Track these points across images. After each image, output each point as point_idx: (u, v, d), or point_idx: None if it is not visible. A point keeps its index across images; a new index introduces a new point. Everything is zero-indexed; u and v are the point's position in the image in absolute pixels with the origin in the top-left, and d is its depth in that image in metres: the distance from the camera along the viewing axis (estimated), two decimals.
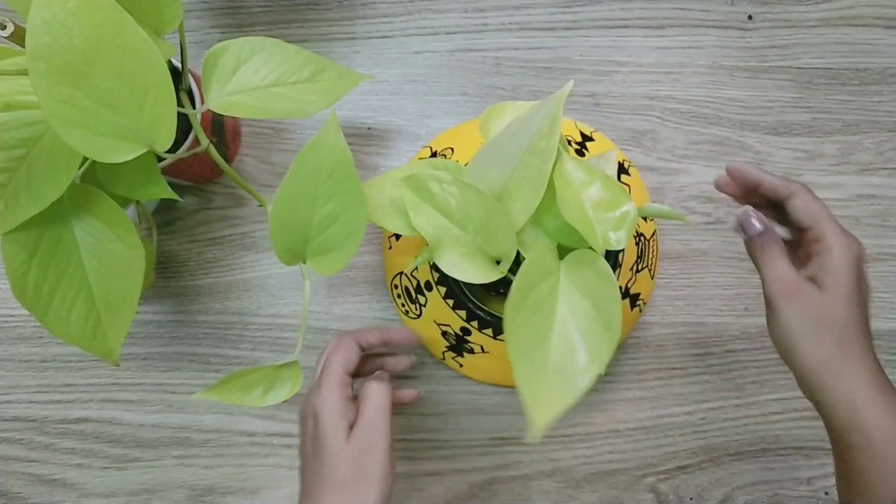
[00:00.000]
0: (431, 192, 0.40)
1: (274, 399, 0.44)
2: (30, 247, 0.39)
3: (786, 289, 0.39)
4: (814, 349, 0.38)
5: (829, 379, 0.38)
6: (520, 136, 0.39)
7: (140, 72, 0.34)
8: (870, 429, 0.36)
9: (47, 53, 0.31)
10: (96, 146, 0.34)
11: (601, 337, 0.36)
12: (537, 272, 0.38)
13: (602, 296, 0.37)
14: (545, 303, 0.37)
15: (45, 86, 0.32)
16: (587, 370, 0.36)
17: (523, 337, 0.36)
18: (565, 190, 0.39)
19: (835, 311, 0.38)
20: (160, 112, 0.35)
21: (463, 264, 0.40)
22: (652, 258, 0.54)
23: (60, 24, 0.31)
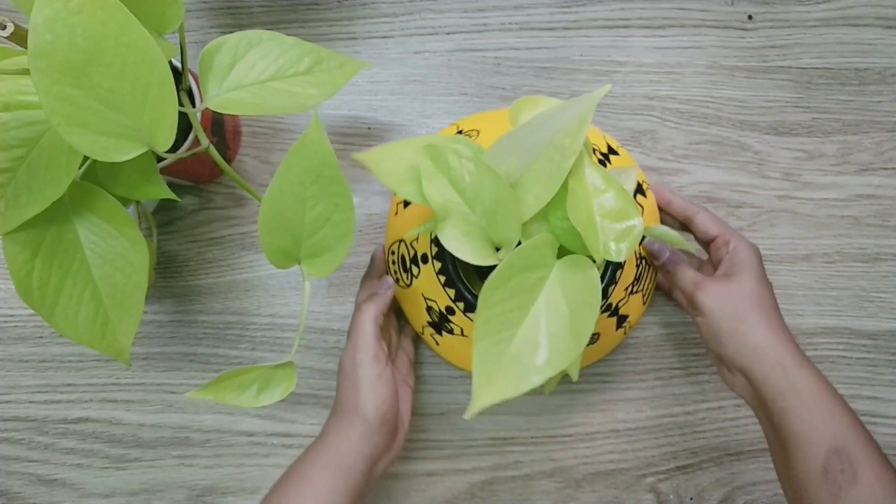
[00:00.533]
0: (449, 165, 0.40)
1: (268, 399, 0.44)
2: (32, 246, 0.39)
3: (699, 284, 0.44)
4: (741, 326, 0.43)
5: (761, 350, 0.42)
6: (545, 130, 0.39)
7: (142, 71, 0.34)
8: (801, 387, 0.41)
9: (49, 51, 0.31)
10: (97, 145, 0.34)
11: (566, 343, 0.37)
12: (531, 259, 0.38)
13: (582, 305, 0.37)
14: (527, 292, 0.38)
15: (47, 84, 0.32)
16: (542, 370, 0.37)
17: (494, 315, 0.37)
18: (578, 191, 0.39)
19: (749, 288, 0.43)
20: (161, 111, 0.35)
21: (464, 243, 0.40)
22: (649, 284, 0.53)
23: (63, 22, 0.31)
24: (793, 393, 0.41)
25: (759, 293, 0.44)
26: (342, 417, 0.46)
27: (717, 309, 0.44)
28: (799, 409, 0.41)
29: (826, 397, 0.41)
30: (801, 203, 0.59)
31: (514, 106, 0.43)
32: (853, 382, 0.58)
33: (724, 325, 0.43)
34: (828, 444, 0.39)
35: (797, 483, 0.41)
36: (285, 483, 0.45)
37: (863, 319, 0.58)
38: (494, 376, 0.38)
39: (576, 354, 0.37)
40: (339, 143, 0.59)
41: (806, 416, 0.40)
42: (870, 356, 0.58)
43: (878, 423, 0.58)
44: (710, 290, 0.44)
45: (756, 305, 0.43)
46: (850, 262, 0.59)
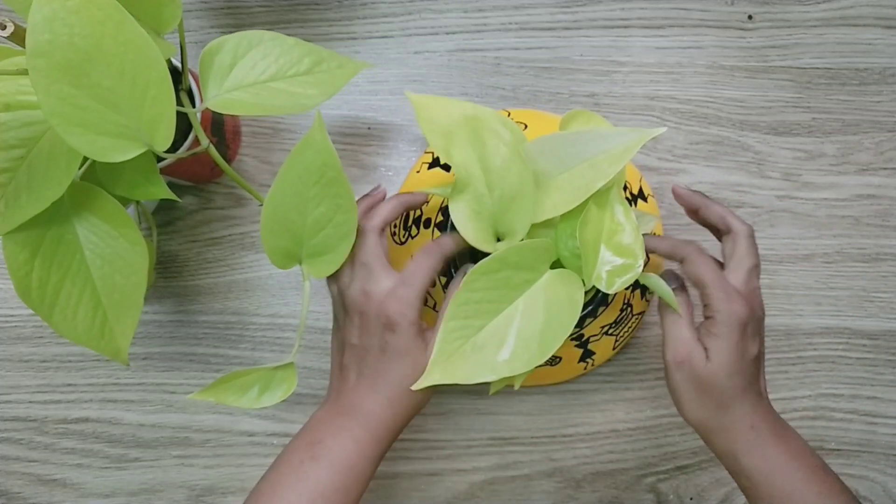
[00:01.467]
0: (484, 142, 0.40)
1: (269, 401, 0.44)
2: (32, 246, 0.39)
3: (677, 355, 0.41)
4: (697, 410, 0.42)
5: (712, 435, 0.42)
6: (589, 146, 0.40)
7: (140, 70, 0.34)
8: (750, 472, 0.41)
9: (48, 51, 0.31)
10: (96, 145, 0.34)
11: (531, 351, 0.38)
12: (525, 259, 0.39)
13: (558, 320, 0.38)
14: (511, 289, 0.39)
15: (45, 84, 0.32)
16: (500, 368, 0.38)
17: (472, 300, 0.38)
18: (595, 214, 0.40)
19: (718, 377, 0.40)
20: (160, 111, 0.35)
21: (470, 220, 0.40)
22: (626, 332, 0.53)
23: (61, 21, 0.31)
24: (745, 478, 0.41)
25: (724, 386, 0.41)
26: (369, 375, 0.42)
27: (683, 389, 0.42)
28: (753, 490, 0.41)
29: (778, 481, 0.41)
30: (801, 203, 0.59)
31: (567, 115, 0.44)
32: (853, 382, 0.58)
33: (683, 406, 0.42)
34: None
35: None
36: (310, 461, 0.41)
37: (863, 319, 0.58)
38: (453, 358, 0.38)
39: (536, 363, 0.37)
40: (340, 143, 0.59)
41: (760, 500, 0.41)
42: (870, 356, 0.58)
43: (878, 423, 0.58)
44: (684, 366, 0.41)
45: (717, 396, 0.41)
46: (850, 262, 0.59)
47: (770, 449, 0.41)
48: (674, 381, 0.42)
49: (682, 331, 0.42)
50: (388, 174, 0.59)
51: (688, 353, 0.41)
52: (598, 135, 0.40)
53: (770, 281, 0.58)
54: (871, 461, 0.58)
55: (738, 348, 0.40)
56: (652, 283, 0.42)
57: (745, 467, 0.41)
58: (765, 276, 0.59)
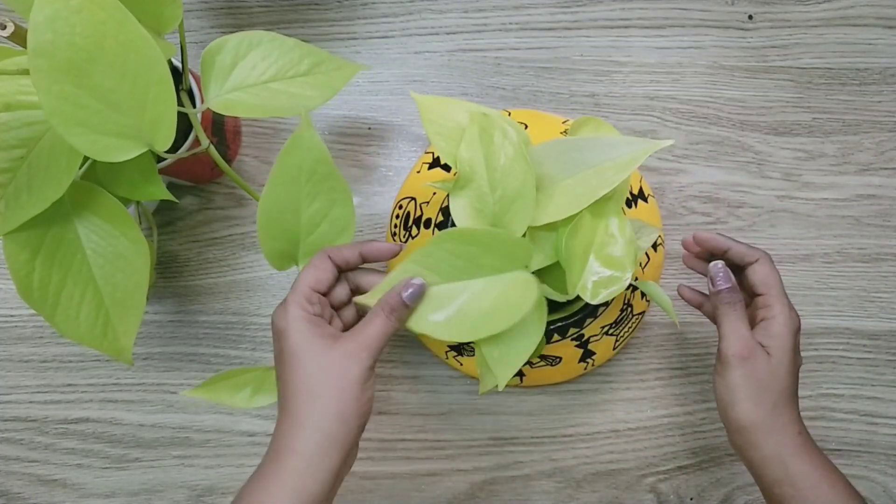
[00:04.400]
0: (492, 140, 0.40)
1: (261, 401, 0.44)
2: (32, 246, 0.39)
3: (742, 351, 0.41)
4: (753, 408, 0.41)
5: (763, 436, 0.41)
6: (596, 153, 0.40)
7: (141, 70, 0.34)
8: (797, 478, 0.40)
9: (49, 50, 0.31)
10: (97, 145, 0.34)
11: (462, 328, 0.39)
12: (498, 247, 0.39)
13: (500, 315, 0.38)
14: (473, 267, 0.39)
15: (47, 83, 0.32)
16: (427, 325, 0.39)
17: (434, 254, 0.39)
18: (588, 223, 0.40)
19: (777, 377, 0.41)
20: (161, 111, 0.35)
21: (470, 216, 0.40)
22: (626, 332, 0.53)
23: (63, 21, 0.31)
24: (789, 485, 0.40)
25: (784, 385, 0.42)
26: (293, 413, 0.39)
27: (743, 385, 0.41)
28: (795, 499, 0.40)
29: (825, 488, 0.40)
30: (801, 203, 0.59)
31: (576, 122, 0.44)
32: (853, 383, 0.58)
33: (741, 404, 0.41)
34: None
35: None
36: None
37: (863, 320, 0.58)
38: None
39: (461, 339, 0.39)
40: (340, 144, 0.59)
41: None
42: (870, 356, 0.58)
43: (878, 424, 0.58)
44: (748, 362, 0.41)
45: (776, 394, 0.41)
46: (851, 262, 0.59)
47: (817, 456, 0.41)
48: (733, 377, 0.41)
49: (744, 328, 0.42)
50: (389, 174, 0.59)
51: (751, 349, 0.41)
52: (605, 142, 0.40)
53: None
54: (871, 461, 0.58)
55: (795, 351, 0.42)
56: (650, 291, 0.42)
57: (793, 472, 0.40)
58: None
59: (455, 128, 0.41)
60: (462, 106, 0.42)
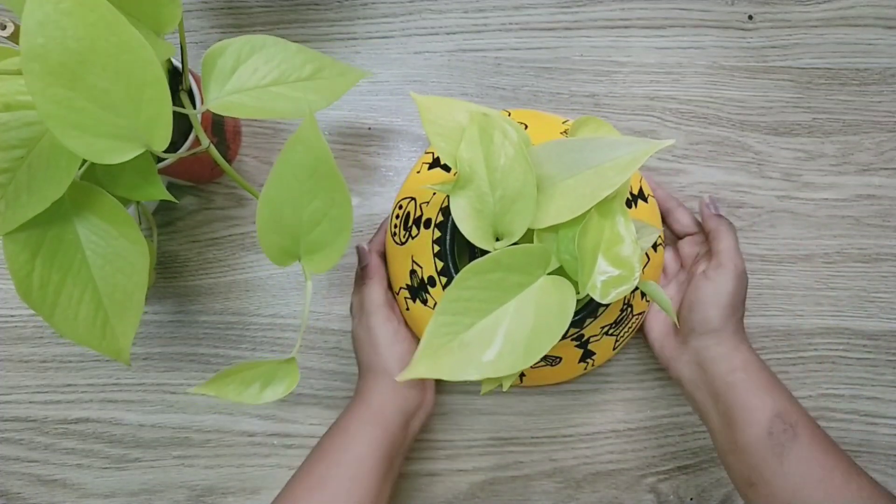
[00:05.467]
0: (492, 140, 0.40)
1: (271, 396, 0.44)
2: (32, 246, 0.39)
3: (740, 265, 0.50)
4: (727, 314, 0.48)
5: (726, 334, 0.48)
6: (597, 153, 0.40)
7: (135, 71, 0.34)
8: (748, 365, 0.47)
9: (42, 54, 0.31)
10: (94, 147, 0.34)
11: (517, 354, 0.38)
12: (520, 262, 0.39)
13: (547, 327, 0.38)
14: (503, 290, 0.39)
15: (41, 87, 0.32)
16: (484, 368, 0.38)
17: (463, 298, 0.38)
18: (596, 223, 0.40)
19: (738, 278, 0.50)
20: (157, 111, 0.35)
21: (470, 217, 0.40)
22: (626, 332, 0.53)
23: (54, 24, 0.31)
24: (741, 370, 0.46)
25: (742, 284, 0.49)
26: (371, 377, 0.49)
27: (714, 292, 0.48)
28: (746, 383, 0.46)
29: (766, 373, 0.47)
30: (801, 203, 0.59)
31: (576, 122, 0.44)
32: (853, 383, 0.58)
33: (709, 302, 0.48)
34: (769, 410, 0.44)
35: (741, 450, 0.45)
36: (328, 438, 0.48)
37: (863, 320, 0.58)
38: (439, 353, 0.38)
39: (520, 367, 0.37)
40: (340, 144, 0.59)
41: (751, 388, 0.46)
42: (870, 356, 0.58)
43: (878, 424, 0.58)
44: (740, 279, 0.49)
45: (737, 296, 0.49)
46: (851, 262, 0.59)
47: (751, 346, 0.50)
48: (723, 283, 0.48)
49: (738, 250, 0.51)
50: (389, 174, 0.59)
51: (743, 268, 0.50)
52: (606, 143, 0.40)
53: (770, 281, 0.58)
54: (871, 461, 0.58)
55: (741, 283, 0.49)
56: (650, 291, 0.42)
57: (744, 359, 0.47)
58: (765, 276, 0.59)
59: (455, 128, 0.41)
60: (462, 106, 0.42)
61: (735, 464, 0.45)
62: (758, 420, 0.44)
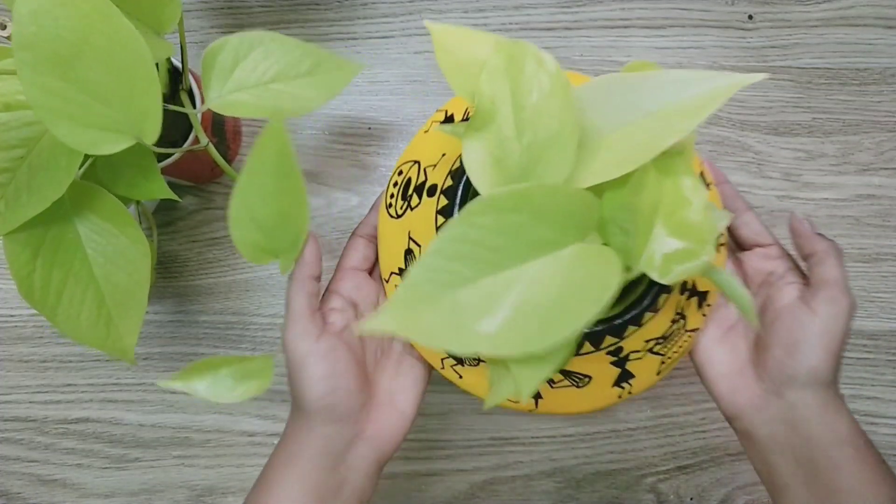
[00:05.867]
0: (522, 69, 0.31)
1: (244, 394, 0.42)
2: (33, 246, 0.39)
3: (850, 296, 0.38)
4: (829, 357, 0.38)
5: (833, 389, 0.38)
6: (658, 94, 0.31)
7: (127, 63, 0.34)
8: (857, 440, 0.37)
9: (34, 43, 0.31)
10: (84, 138, 0.34)
11: (527, 331, 0.28)
12: (559, 211, 0.29)
13: (576, 304, 0.28)
14: (525, 244, 0.29)
15: (32, 76, 0.32)
16: (478, 340, 0.28)
17: (468, 237, 0.28)
18: (652, 181, 0.31)
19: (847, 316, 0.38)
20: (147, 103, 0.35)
21: (487, 167, 0.31)
22: (675, 354, 0.40)
23: (48, 14, 0.31)
24: (849, 443, 0.37)
25: (850, 325, 0.38)
26: (292, 410, 0.40)
27: (824, 332, 0.37)
28: (856, 463, 0.36)
29: (873, 450, 0.37)
30: (801, 203, 0.59)
31: (628, 66, 0.34)
32: (853, 382, 0.58)
33: (818, 344, 0.37)
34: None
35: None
36: (253, 492, 0.39)
37: (863, 320, 0.58)
38: (419, 307, 0.28)
39: (530, 348, 0.28)
40: (340, 144, 0.59)
41: (863, 470, 0.36)
42: (870, 356, 0.58)
43: (878, 424, 0.58)
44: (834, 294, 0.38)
45: (846, 340, 0.38)
46: (851, 262, 0.59)
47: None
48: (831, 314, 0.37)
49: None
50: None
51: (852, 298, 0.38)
52: (673, 79, 0.31)
53: None
54: None
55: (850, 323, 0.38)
56: (723, 282, 0.32)
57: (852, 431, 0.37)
58: None
59: (475, 62, 0.33)
60: (484, 38, 0.33)
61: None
62: None
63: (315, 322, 0.39)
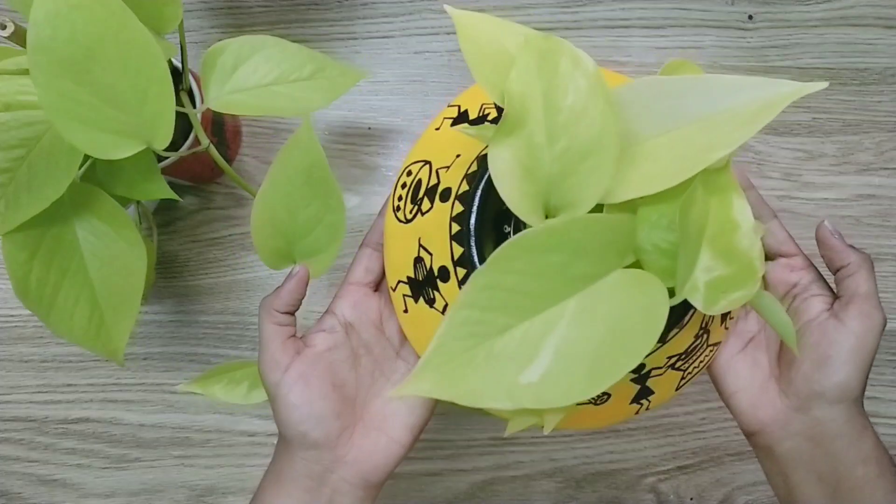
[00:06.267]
0: (556, 69, 0.28)
1: (258, 397, 0.44)
2: (31, 247, 0.39)
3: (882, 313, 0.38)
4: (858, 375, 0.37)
5: (857, 407, 0.38)
6: (706, 99, 0.29)
7: (141, 68, 0.34)
8: (882, 460, 0.37)
9: (49, 46, 0.32)
10: (96, 142, 0.34)
11: (572, 377, 0.26)
12: (596, 242, 0.27)
13: (624, 340, 0.26)
14: (562, 282, 0.27)
15: (46, 80, 0.32)
16: (521, 393, 0.26)
17: (501, 284, 0.26)
18: (701, 199, 0.29)
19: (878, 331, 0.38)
20: (160, 108, 0.35)
21: (514, 175, 0.28)
22: (695, 369, 0.39)
23: (63, 17, 0.32)
24: (874, 462, 0.36)
25: (879, 341, 0.37)
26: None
27: (857, 348, 0.36)
28: (879, 482, 0.36)
29: (895, 469, 0.37)
30: (801, 203, 0.59)
31: (665, 68, 0.32)
32: None
33: (849, 360, 0.36)
34: None
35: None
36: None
37: None
38: (455, 363, 0.27)
39: (577, 398, 0.26)
40: (340, 144, 0.59)
41: (886, 491, 0.36)
42: None
43: (877, 424, 0.57)
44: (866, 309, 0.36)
45: (874, 356, 0.37)
46: None
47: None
48: (862, 331, 0.36)
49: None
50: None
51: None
52: (721, 84, 0.29)
53: None
54: None
55: (879, 340, 0.37)
56: (765, 307, 0.30)
57: (878, 451, 0.37)
58: None
59: (503, 54, 0.30)
60: (513, 29, 0.31)
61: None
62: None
63: (285, 350, 0.38)
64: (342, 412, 0.38)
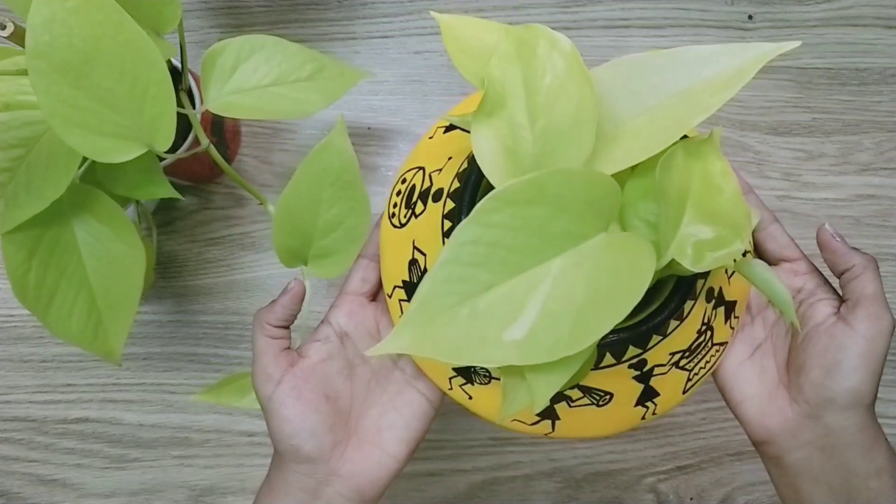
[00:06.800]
0: (534, 52, 0.29)
1: None
2: (29, 247, 0.39)
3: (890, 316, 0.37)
4: (870, 379, 0.36)
5: (870, 414, 0.37)
6: (683, 72, 0.30)
7: (140, 71, 0.34)
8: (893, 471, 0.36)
9: (47, 52, 0.32)
10: (96, 146, 0.34)
11: (557, 333, 0.26)
12: (579, 200, 0.27)
13: (608, 299, 0.26)
14: (546, 239, 0.27)
15: (45, 85, 0.32)
16: (504, 349, 0.26)
17: (484, 239, 0.26)
18: (682, 167, 0.29)
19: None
20: (160, 111, 0.35)
21: (497, 157, 0.29)
22: (702, 370, 0.37)
23: (60, 22, 0.32)
24: (888, 473, 0.35)
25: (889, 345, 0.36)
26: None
27: (866, 352, 0.35)
28: (894, 492, 0.35)
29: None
30: (801, 203, 0.59)
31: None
32: None
33: (860, 366, 0.35)
34: None
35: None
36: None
37: None
38: (438, 320, 0.26)
39: (563, 352, 0.26)
40: None
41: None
42: None
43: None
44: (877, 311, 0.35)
45: (884, 360, 0.36)
46: None
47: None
48: (872, 335, 0.35)
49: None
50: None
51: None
52: (697, 55, 0.29)
53: None
54: None
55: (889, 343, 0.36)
56: (758, 276, 0.30)
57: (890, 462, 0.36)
58: None
59: (483, 50, 0.32)
60: (492, 27, 0.32)
61: None
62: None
63: (278, 363, 0.38)
64: (335, 425, 0.37)
